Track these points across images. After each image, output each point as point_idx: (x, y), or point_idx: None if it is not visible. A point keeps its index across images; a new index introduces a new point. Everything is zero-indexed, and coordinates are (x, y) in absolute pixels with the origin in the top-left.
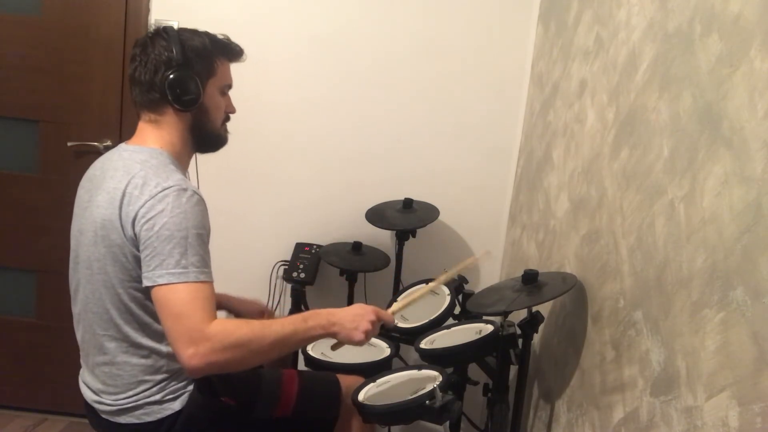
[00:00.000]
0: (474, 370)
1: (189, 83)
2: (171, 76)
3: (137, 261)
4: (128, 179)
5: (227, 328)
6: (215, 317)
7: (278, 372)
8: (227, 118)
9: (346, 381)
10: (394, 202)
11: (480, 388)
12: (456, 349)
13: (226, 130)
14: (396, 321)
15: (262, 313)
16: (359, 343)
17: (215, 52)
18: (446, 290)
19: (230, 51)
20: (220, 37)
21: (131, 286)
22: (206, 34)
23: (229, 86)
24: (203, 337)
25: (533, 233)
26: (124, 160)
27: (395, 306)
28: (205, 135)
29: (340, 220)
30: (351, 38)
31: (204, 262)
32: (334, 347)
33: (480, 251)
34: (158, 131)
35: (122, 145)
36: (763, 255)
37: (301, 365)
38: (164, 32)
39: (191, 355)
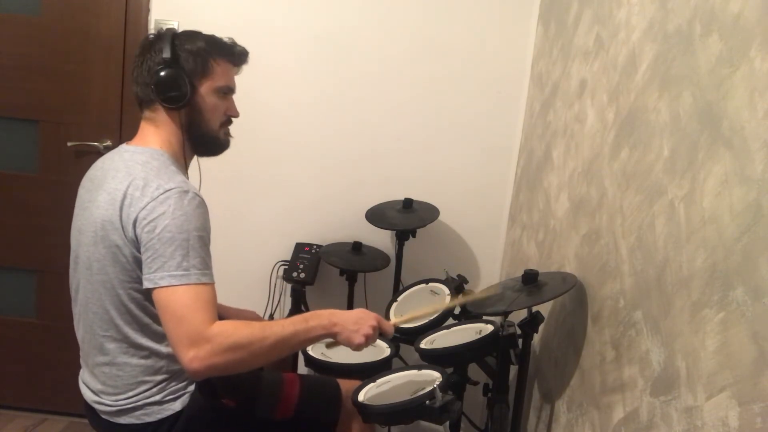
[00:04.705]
0: (474, 370)
1: (176, 81)
2: (160, 74)
3: (137, 262)
4: (129, 180)
5: (227, 330)
6: (216, 319)
7: (279, 374)
8: (228, 122)
9: (347, 384)
10: (394, 202)
11: (480, 388)
12: (456, 349)
13: (226, 134)
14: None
15: None
16: (357, 347)
17: (212, 53)
18: (446, 290)
19: (229, 52)
20: (225, 40)
21: (131, 287)
22: (207, 35)
23: (230, 89)
24: (204, 339)
25: (533, 233)
26: (125, 161)
27: (397, 319)
28: (200, 136)
29: (340, 220)
30: (351, 38)
31: (205, 264)
32: (329, 345)
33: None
34: (157, 130)
35: (123, 146)
36: (763, 255)
37: (301, 365)
38: (163, 34)
39: (192, 358)
